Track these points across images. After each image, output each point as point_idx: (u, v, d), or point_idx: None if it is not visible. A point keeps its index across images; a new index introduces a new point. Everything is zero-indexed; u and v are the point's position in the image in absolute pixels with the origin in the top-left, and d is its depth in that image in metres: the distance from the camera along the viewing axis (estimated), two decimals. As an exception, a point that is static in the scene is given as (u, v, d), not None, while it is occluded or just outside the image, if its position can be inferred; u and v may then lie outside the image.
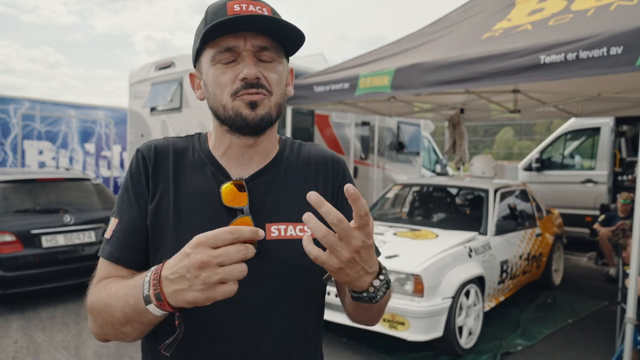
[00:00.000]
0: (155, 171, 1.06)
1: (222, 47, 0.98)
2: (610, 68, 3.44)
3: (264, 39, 0.99)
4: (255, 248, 0.93)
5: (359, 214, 0.81)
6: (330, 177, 1.13)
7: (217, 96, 1.00)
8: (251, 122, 0.98)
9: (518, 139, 23.18)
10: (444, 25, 5.60)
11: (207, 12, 1.02)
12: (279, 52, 1.02)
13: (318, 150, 1.17)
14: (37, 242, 4.92)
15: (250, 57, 0.98)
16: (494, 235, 4.63)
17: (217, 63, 0.99)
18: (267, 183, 1.06)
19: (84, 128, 10.37)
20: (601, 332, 4.51)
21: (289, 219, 1.04)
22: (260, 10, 0.99)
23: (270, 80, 1.00)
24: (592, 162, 8.49)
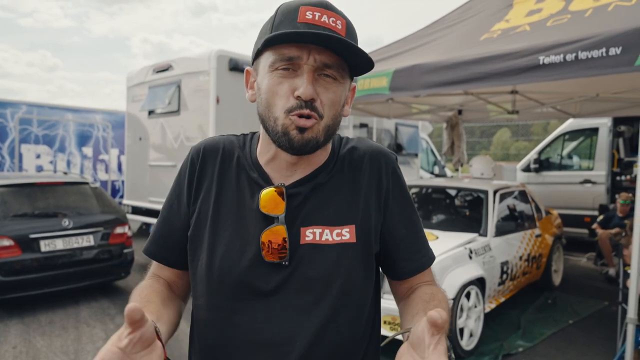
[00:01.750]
0: (201, 173, 1.06)
1: (283, 55, 0.92)
2: (609, 68, 3.44)
3: (329, 56, 0.93)
4: (287, 256, 0.96)
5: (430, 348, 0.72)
6: (377, 177, 1.06)
7: (270, 106, 0.95)
8: (296, 144, 0.94)
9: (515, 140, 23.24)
10: (442, 27, 5.61)
11: (277, 12, 0.97)
12: (343, 71, 0.96)
13: (366, 147, 1.10)
14: (36, 247, 4.89)
15: (310, 74, 0.92)
16: (494, 236, 4.62)
17: (275, 70, 0.93)
18: (309, 189, 1.02)
19: (81, 132, 10.33)
20: (602, 333, 4.50)
21: (327, 223, 1.00)
22: (334, 23, 0.93)
23: (324, 102, 0.94)
24: (590, 162, 8.50)
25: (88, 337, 4.34)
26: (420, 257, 1.09)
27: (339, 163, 1.06)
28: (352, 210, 1.02)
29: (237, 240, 1.00)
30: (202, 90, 6.26)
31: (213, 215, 1.03)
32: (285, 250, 0.96)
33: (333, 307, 0.97)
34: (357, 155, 1.08)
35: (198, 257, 1.02)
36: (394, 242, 1.07)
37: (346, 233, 1.00)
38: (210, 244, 1.01)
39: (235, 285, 0.98)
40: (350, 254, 1.00)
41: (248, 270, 0.97)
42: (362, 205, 1.03)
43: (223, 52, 6.23)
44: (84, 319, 4.77)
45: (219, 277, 0.99)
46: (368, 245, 1.02)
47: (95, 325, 4.61)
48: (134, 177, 7.69)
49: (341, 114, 1.00)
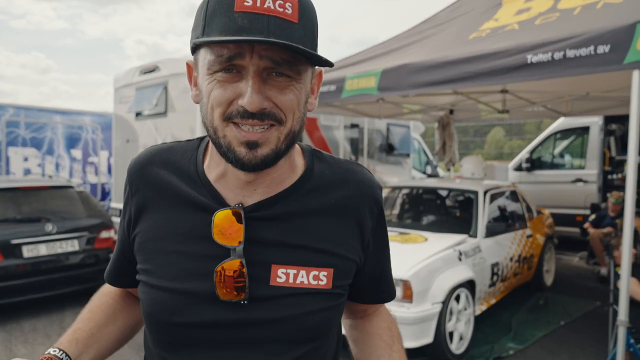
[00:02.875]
0: (136, 195, 0.91)
1: (221, 56, 0.74)
2: (597, 67, 3.40)
3: (279, 51, 0.74)
4: (247, 295, 0.81)
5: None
6: (363, 212, 0.92)
7: (208, 114, 0.78)
8: (247, 163, 0.77)
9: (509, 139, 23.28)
10: (431, 25, 5.56)
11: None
12: (299, 64, 0.76)
13: (355, 178, 0.93)
14: (18, 253, 4.79)
15: (256, 78, 0.74)
16: (484, 237, 4.57)
17: (214, 73, 0.76)
18: (276, 215, 0.85)
19: (70, 134, 10.21)
20: (594, 334, 4.45)
21: (302, 262, 0.84)
22: (282, 7, 0.73)
23: (282, 106, 0.76)
24: (582, 161, 8.48)
25: (71, 344, 4.25)
26: (383, 295, 1.05)
27: (319, 188, 0.89)
28: (333, 249, 0.88)
29: (187, 278, 0.84)
30: (189, 91, 6.16)
31: (154, 247, 0.87)
32: (244, 287, 0.81)
33: (299, 354, 0.87)
34: (339, 182, 0.91)
35: (144, 293, 0.89)
36: (364, 279, 0.98)
37: (323, 277, 0.85)
38: (155, 281, 0.86)
39: (189, 327, 0.84)
40: (326, 301, 0.87)
41: (203, 312, 0.83)
42: (343, 244, 0.89)
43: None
44: (69, 325, 4.64)
45: (168, 318, 0.84)
46: (343, 290, 0.91)
47: (79, 332, 4.51)
48: (122, 180, 7.59)
49: (306, 112, 0.83)
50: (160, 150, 0.94)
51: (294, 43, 0.72)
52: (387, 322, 1.05)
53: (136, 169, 0.93)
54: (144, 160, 0.93)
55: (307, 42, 0.76)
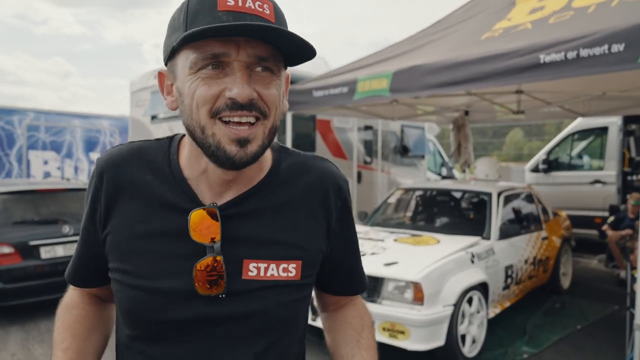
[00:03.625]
0: (108, 194, 0.90)
1: (206, 53, 0.76)
2: (612, 66, 3.34)
3: (263, 48, 0.78)
4: (225, 287, 0.85)
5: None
6: (327, 203, 0.96)
7: (193, 113, 0.79)
8: (238, 162, 0.79)
9: (528, 140, 22.97)
10: (444, 27, 5.52)
11: (189, 0, 0.79)
12: (279, 62, 0.81)
13: (317, 170, 0.97)
14: (36, 254, 4.89)
15: (243, 71, 0.77)
16: (498, 239, 4.52)
17: (198, 71, 0.77)
18: (248, 211, 0.88)
19: (88, 137, 10.40)
20: (611, 338, 4.36)
21: (272, 256, 0.88)
22: (261, 7, 0.77)
23: (267, 100, 0.80)
24: (600, 162, 8.32)
25: (87, 344, 4.32)
26: (354, 286, 1.09)
27: (284, 182, 0.93)
28: (300, 242, 0.92)
29: (164, 276, 0.86)
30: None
31: (128, 247, 0.88)
32: (222, 282, 0.84)
33: (272, 337, 0.91)
34: (306, 176, 0.95)
35: (120, 292, 0.90)
36: (333, 270, 1.02)
37: (292, 269, 0.90)
38: (131, 280, 0.87)
39: (168, 323, 0.87)
40: (295, 292, 0.92)
41: (181, 308, 0.86)
42: (310, 235, 0.93)
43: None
44: (84, 326, 4.75)
45: (147, 315, 0.87)
46: (311, 280, 0.96)
47: (94, 332, 4.58)
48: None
49: (282, 111, 0.86)
50: (131, 149, 0.94)
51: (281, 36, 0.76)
52: (359, 311, 1.08)
53: (107, 167, 0.92)
54: (116, 158, 0.93)
55: None
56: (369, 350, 1.01)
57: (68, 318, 0.99)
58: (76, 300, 1.02)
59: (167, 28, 0.85)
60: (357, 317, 1.07)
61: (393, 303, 3.65)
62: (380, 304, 3.70)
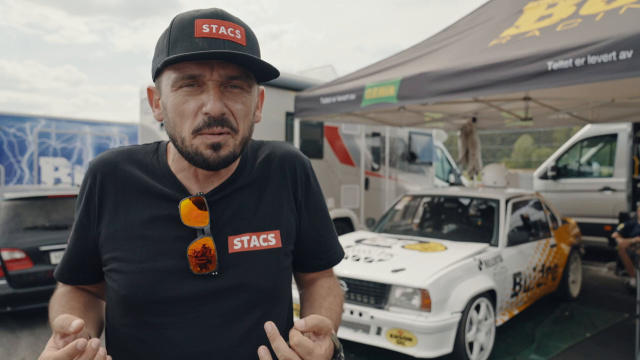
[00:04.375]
0: (100, 193, 1.00)
1: (184, 73, 0.89)
2: (620, 73, 3.34)
3: (233, 68, 0.91)
4: (217, 265, 0.95)
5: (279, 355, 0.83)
6: (292, 180, 1.09)
7: (176, 126, 0.92)
8: (212, 163, 0.92)
9: (537, 147, 22.83)
10: (452, 34, 5.54)
11: (172, 25, 0.93)
12: (249, 79, 0.94)
13: (280, 152, 1.11)
14: (46, 259, 4.94)
15: (216, 89, 0.90)
16: (506, 246, 4.50)
17: (179, 89, 0.90)
18: (228, 196, 1.01)
19: (98, 144, 10.50)
20: (621, 347, 4.32)
21: (253, 229, 1.01)
22: (233, 33, 0.90)
23: (236, 114, 0.92)
24: (610, 169, 8.27)
25: (96, 349, 4.34)
26: (328, 256, 1.16)
27: (256, 168, 1.06)
28: (274, 214, 1.04)
29: (159, 257, 0.95)
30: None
31: (124, 235, 0.97)
32: (212, 261, 0.95)
33: (264, 307, 1.00)
34: (271, 159, 1.09)
35: (116, 281, 0.97)
36: (306, 243, 1.12)
37: (272, 238, 1.02)
38: (128, 266, 0.95)
39: (165, 302, 0.95)
40: (278, 259, 1.02)
41: (177, 286, 0.95)
42: (282, 209, 1.06)
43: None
44: (93, 331, 4.78)
45: (145, 296, 0.94)
46: (290, 248, 1.07)
47: (104, 337, 4.61)
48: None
49: (254, 122, 1.00)
50: (121, 151, 1.06)
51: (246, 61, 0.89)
52: (328, 282, 1.15)
53: (100, 166, 1.02)
54: (108, 158, 1.03)
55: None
56: (329, 310, 1.05)
57: (62, 300, 1.02)
58: (67, 289, 1.07)
59: (154, 49, 0.97)
60: (325, 287, 1.13)
61: (400, 310, 3.65)
62: (388, 310, 3.70)
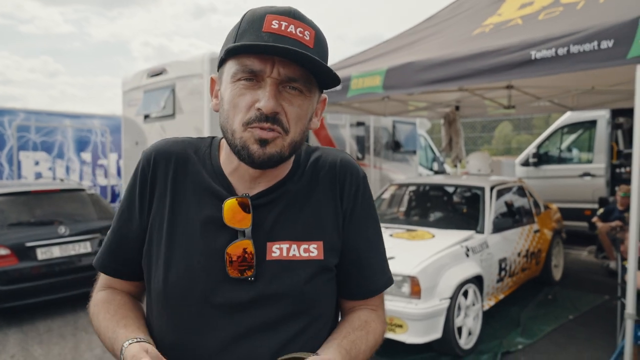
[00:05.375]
0: (152, 181, 1.00)
1: (245, 66, 0.87)
2: (601, 62, 3.41)
3: (295, 69, 0.88)
4: (254, 270, 0.93)
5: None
6: (341, 192, 1.03)
7: (229, 118, 0.91)
8: (257, 159, 0.90)
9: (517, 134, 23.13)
10: (435, 22, 5.58)
11: (243, 18, 0.92)
12: (310, 84, 0.91)
13: (332, 159, 1.05)
14: (32, 255, 4.88)
15: (273, 87, 0.88)
16: (491, 233, 4.59)
17: (238, 81, 0.89)
18: (274, 201, 0.98)
19: (79, 137, 10.33)
20: (603, 327, 4.46)
21: (294, 238, 0.97)
22: (301, 34, 0.88)
23: (289, 116, 0.90)
24: (589, 155, 8.45)
25: (86, 344, 4.33)
26: (367, 284, 1.05)
27: (305, 175, 1.02)
28: (319, 225, 0.99)
29: (198, 256, 0.95)
30: (196, 93, 6.25)
31: (169, 228, 0.97)
32: (252, 266, 0.93)
33: (300, 322, 0.96)
34: (323, 168, 1.04)
35: (155, 274, 0.98)
36: (344, 264, 1.03)
37: (314, 249, 0.97)
38: (167, 260, 0.96)
39: (199, 304, 0.94)
40: (318, 271, 0.97)
41: (213, 288, 0.94)
42: (328, 219, 1.01)
43: (217, 54, 6.20)
44: (83, 326, 4.76)
45: (180, 294, 0.94)
46: (333, 262, 1.01)
47: (93, 332, 4.58)
48: (132, 182, 7.67)
49: (308, 128, 0.97)
50: (177, 142, 1.06)
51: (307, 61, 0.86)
52: (367, 316, 1.04)
53: (155, 154, 1.02)
54: (163, 147, 1.04)
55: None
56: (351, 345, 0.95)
57: (109, 308, 1.01)
58: (109, 295, 1.05)
59: (224, 42, 0.96)
60: (361, 319, 1.03)
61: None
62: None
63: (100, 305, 1.02)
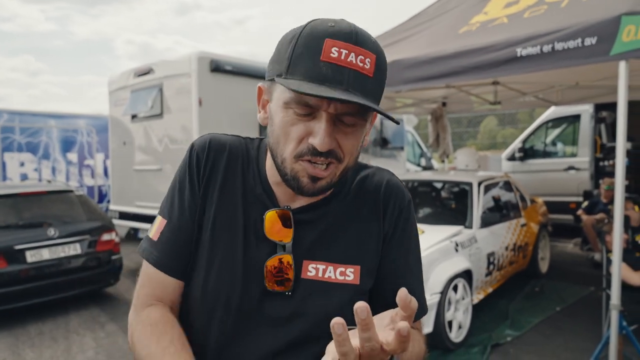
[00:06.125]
0: (208, 169, 0.97)
1: (300, 99, 0.82)
2: (585, 59, 3.48)
3: (351, 106, 0.82)
4: (291, 287, 0.92)
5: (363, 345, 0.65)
6: (382, 214, 1.00)
7: (279, 144, 0.87)
8: (307, 192, 0.88)
9: (502, 128, 23.37)
10: (422, 20, 5.62)
11: (300, 35, 0.83)
12: (365, 114, 0.86)
13: (378, 181, 1.03)
14: (21, 258, 4.85)
15: (329, 123, 0.83)
16: (480, 228, 4.67)
17: (290, 109, 0.84)
18: (315, 217, 0.96)
19: (65, 137, 10.23)
20: (589, 318, 4.57)
21: (331, 259, 0.95)
22: (362, 62, 0.81)
23: (344, 149, 0.86)
24: (574, 149, 8.59)
25: (78, 346, 4.32)
26: None
27: (350, 194, 1.00)
28: (358, 248, 0.97)
29: (237, 264, 0.94)
30: (184, 92, 6.22)
31: (213, 227, 0.95)
32: (290, 280, 0.92)
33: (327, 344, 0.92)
34: (369, 189, 1.02)
35: (195, 273, 0.96)
36: (385, 287, 0.98)
37: (350, 273, 0.95)
38: (208, 265, 0.94)
39: (236, 312, 0.93)
40: (352, 296, 0.93)
41: (250, 298, 0.93)
42: (369, 243, 0.98)
43: (204, 53, 6.20)
44: (74, 328, 4.75)
45: (216, 301, 0.93)
46: (369, 284, 0.98)
47: (85, 334, 4.59)
48: (120, 182, 7.64)
49: (361, 147, 0.93)
50: (229, 135, 1.03)
51: (367, 95, 0.82)
52: None
53: (215, 144, 0.99)
54: (218, 137, 1.01)
55: (377, 94, 0.87)
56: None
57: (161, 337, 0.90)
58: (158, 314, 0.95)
59: (277, 45, 0.89)
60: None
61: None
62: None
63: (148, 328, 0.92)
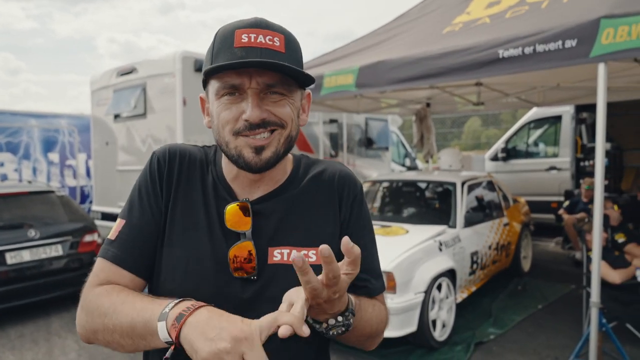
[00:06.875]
0: (168, 176, 1.05)
1: (226, 83, 0.93)
2: (566, 60, 3.54)
3: (271, 76, 0.93)
4: (256, 272, 0.98)
5: (328, 276, 0.80)
6: (338, 201, 1.08)
7: (220, 132, 0.97)
8: (254, 166, 0.96)
9: (485, 128, 23.62)
10: (406, 21, 5.65)
11: (215, 37, 0.97)
12: (288, 85, 0.96)
13: (331, 171, 1.11)
14: (1, 260, 4.76)
15: (255, 96, 0.93)
16: (463, 227, 4.71)
17: (222, 97, 0.95)
18: (273, 206, 1.04)
19: (46, 137, 10.07)
20: (570, 316, 4.64)
21: (294, 244, 1.01)
22: (271, 41, 0.93)
23: (281, 115, 0.96)
24: (555, 149, 8.71)
25: (60, 349, 4.26)
26: (369, 287, 1.08)
27: (304, 183, 1.08)
28: (318, 232, 1.04)
29: (206, 257, 0.99)
30: (168, 92, 6.17)
31: (177, 226, 1.02)
32: (253, 265, 0.98)
33: None
34: (322, 177, 1.10)
35: (164, 273, 1.01)
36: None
37: (312, 255, 1.01)
38: (178, 260, 1.00)
39: (207, 300, 0.93)
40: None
41: (218, 286, 0.98)
42: (326, 227, 1.05)
43: (188, 53, 6.16)
44: (55, 330, 4.68)
45: (187, 293, 0.94)
46: None
47: (66, 336, 4.52)
48: (102, 183, 7.55)
49: (299, 125, 1.02)
50: (188, 145, 1.12)
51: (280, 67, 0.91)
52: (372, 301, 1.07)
53: (174, 152, 1.08)
54: (178, 146, 1.10)
55: (293, 65, 0.94)
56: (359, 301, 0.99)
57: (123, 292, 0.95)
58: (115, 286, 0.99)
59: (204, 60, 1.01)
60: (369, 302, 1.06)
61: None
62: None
63: (111, 288, 0.96)
